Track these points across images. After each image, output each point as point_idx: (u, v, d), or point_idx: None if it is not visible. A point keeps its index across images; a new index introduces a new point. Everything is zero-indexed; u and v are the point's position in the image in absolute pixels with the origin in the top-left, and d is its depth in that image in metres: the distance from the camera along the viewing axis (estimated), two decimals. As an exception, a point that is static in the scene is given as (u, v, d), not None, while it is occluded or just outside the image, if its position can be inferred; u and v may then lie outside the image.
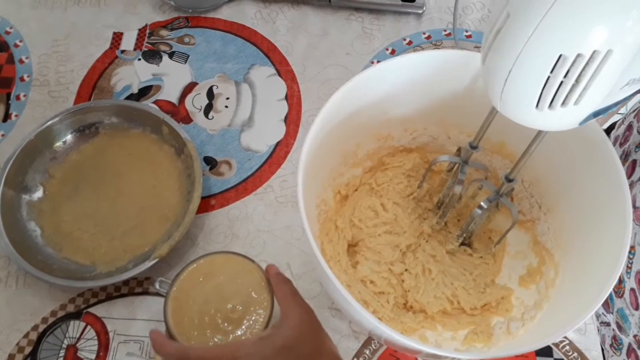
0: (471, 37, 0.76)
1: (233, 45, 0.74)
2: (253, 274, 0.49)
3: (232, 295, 0.48)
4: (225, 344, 0.45)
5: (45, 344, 0.54)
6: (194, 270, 0.49)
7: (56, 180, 0.62)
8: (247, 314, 0.47)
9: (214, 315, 0.47)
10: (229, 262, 0.49)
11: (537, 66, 0.33)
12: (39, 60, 0.72)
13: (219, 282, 0.49)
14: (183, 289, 0.48)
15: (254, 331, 0.46)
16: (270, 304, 0.47)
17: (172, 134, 0.63)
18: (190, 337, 0.46)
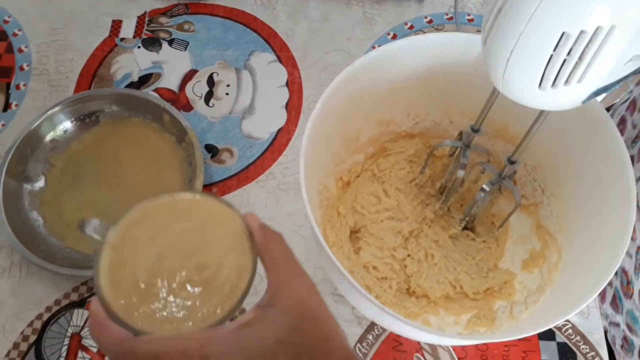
0: (473, 21, 0.75)
1: (233, 31, 0.73)
2: (229, 222, 0.33)
3: (198, 250, 0.33)
4: (188, 334, 0.29)
5: (49, 332, 0.54)
6: (145, 211, 0.33)
7: (57, 170, 0.62)
8: (219, 280, 0.32)
9: (169, 278, 0.31)
10: (196, 205, 0.34)
11: (540, 45, 0.32)
12: (38, 49, 0.71)
13: (180, 230, 0.33)
14: (127, 235, 0.32)
15: (228, 306, 0.31)
16: (252, 266, 0.32)
17: (173, 122, 0.62)
18: (131, 308, 0.30)
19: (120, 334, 0.29)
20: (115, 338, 0.29)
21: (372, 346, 0.54)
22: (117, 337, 0.29)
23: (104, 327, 0.29)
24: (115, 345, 0.29)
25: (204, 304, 0.31)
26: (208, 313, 0.30)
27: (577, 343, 0.55)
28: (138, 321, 0.30)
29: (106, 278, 0.31)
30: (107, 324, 0.29)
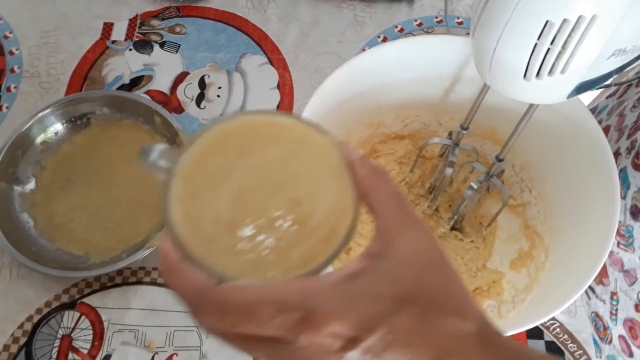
0: (462, 24, 0.76)
1: (224, 34, 0.73)
2: (324, 151, 0.27)
3: (288, 182, 0.27)
4: (285, 282, 0.23)
5: (40, 334, 0.54)
6: (220, 135, 0.27)
7: (48, 172, 0.62)
8: (315, 219, 0.26)
9: (255, 214, 0.26)
10: (283, 129, 0.28)
11: (524, 33, 0.33)
12: (29, 52, 0.71)
13: (265, 158, 0.27)
14: (201, 165, 0.27)
15: (328, 251, 0.25)
16: (354, 205, 0.26)
17: (164, 124, 0.62)
18: (210, 249, 0.25)
19: (200, 279, 0.23)
20: (195, 284, 0.23)
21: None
22: (197, 283, 0.23)
23: (180, 271, 0.24)
24: (195, 293, 0.23)
25: (297, 246, 0.25)
26: (303, 258, 0.25)
27: (565, 342, 0.55)
28: (219, 264, 0.24)
29: (179, 214, 0.25)
30: (183, 268, 0.24)
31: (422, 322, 0.22)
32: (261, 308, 0.22)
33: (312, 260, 0.25)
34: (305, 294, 0.22)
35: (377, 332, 0.22)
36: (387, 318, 0.22)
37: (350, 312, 0.22)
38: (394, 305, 0.22)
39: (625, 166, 0.51)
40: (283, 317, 0.21)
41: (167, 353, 0.54)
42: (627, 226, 0.49)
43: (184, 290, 0.24)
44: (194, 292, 0.23)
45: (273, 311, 0.22)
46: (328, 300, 0.22)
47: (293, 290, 0.22)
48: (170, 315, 0.56)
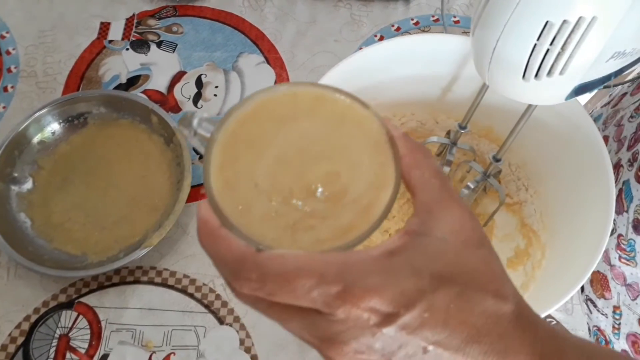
0: (459, 23, 0.76)
1: (221, 33, 0.73)
2: (365, 125, 0.27)
3: (327, 154, 0.27)
4: (324, 255, 0.23)
5: (37, 334, 0.54)
6: (260, 104, 0.28)
7: (45, 172, 0.61)
8: (353, 192, 0.26)
9: (294, 185, 0.26)
10: (323, 101, 0.28)
11: (524, 34, 0.33)
12: (26, 52, 0.71)
13: (305, 129, 0.27)
14: (241, 132, 0.27)
15: (366, 224, 0.25)
16: (395, 180, 0.26)
17: (162, 123, 0.62)
18: (248, 218, 0.25)
19: (239, 246, 0.23)
20: (235, 251, 0.23)
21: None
22: (237, 250, 0.23)
23: (219, 237, 0.24)
24: (234, 260, 0.23)
25: (334, 219, 0.25)
26: (339, 230, 0.25)
27: (562, 339, 0.55)
28: (256, 231, 0.24)
29: (218, 180, 0.25)
30: (222, 234, 0.24)
31: (460, 301, 0.22)
32: (301, 278, 0.22)
33: (348, 233, 0.24)
34: (345, 267, 0.22)
35: (415, 309, 0.22)
36: (425, 296, 0.22)
37: (389, 288, 0.22)
38: (433, 283, 0.22)
39: (628, 179, 0.50)
40: (322, 288, 0.21)
41: (164, 352, 0.54)
42: (628, 240, 0.49)
43: (223, 256, 0.23)
44: (234, 258, 0.23)
45: (312, 282, 0.21)
46: (368, 275, 0.22)
47: (333, 263, 0.22)
48: (168, 314, 0.55)
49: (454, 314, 0.22)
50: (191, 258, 0.58)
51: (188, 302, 0.56)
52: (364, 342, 0.22)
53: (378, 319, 0.22)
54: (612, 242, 0.51)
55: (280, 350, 0.54)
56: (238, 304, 0.56)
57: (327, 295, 0.21)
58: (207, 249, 0.24)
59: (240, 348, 0.54)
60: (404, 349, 0.22)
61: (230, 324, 0.55)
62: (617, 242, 0.50)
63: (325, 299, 0.21)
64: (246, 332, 0.55)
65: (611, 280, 0.52)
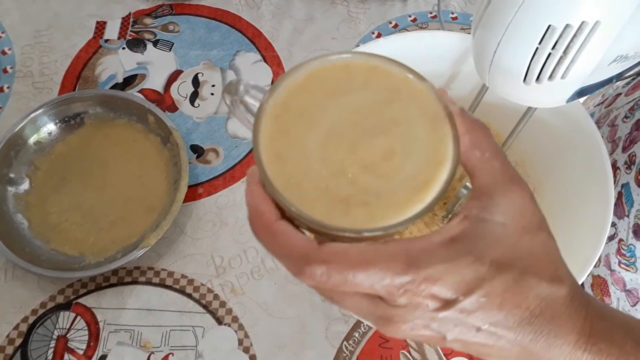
0: (457, 19, 0.75)
1: (218, 32, 0.72)
2: (422, 99, 0.26)
3: (383, 129, 0.25)
4: (388, 244, 0.23)
5: (35, 335, 0.54)
6: (313, 74, 0.26)
7: (42, 172, 0.61)
8: (409, 168, 0.25)
9: (348, 161, 0.25)
10: (378, 74, 0.26)
11: (526, 37, 0.32)
12: (22, 52, 0.70)
13: (359, 102, 0.26)
14: (292, 102, 0.26)
15: (423, 202, 0.24)
16: (453, 157, 0.25)
17: (158, 122, 0.62)
18: (298, 189, 0.24)
19: (301, 242, 0.23)
20: (297, 246, 0.23)
21: (358, 343, 0.54)
22: (299, 245, 0.23)
23: (278, 231, 0.23)
24: (296, 256, 0.23)
25: (390, 195, 0.24)
26: (396, 207, 0.24)
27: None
28: (308, 205, 0.23)
29: (269, 152, 0.24)
30: (281, 228, 0.23)
31: (516, 286, 0.23)
32: (365, 273, 0.22)
33: (403, 211, 0.24)
34: (409, 258, 0.22)
35: (474, 295, 0.22)
36: (484, 282, 0.22)
37: (450, 276, 0.22)
38: (492, 269, 0.23)
39: (628, 182, 0.50)
40: (387, 280, 0.22)
41: (163, 353, 0.53)
42: (629, 245, 0.48)
43: (285, 251, 0.23)
44: (296, 254, 0.23)
45: (377, 276, 0.22)
46: (430, 263, 0.22)
47: (398, 253, 0.22)
48: (166, 315, 0.55)
49: (510, 298, 0.23)
50: (189, 258, 0.58)
51: (186, 302, 0.56)
52: (421, 323, 0.23)
53: (438, 305, 0.23)
54: (612, 247, 0.50)
55: (279, 350, 0.54)
56: (236, 304, 0.56)
57: (391, 285, 0.22)
58: (265, 243, 0.24)
59: (239, 348, 0.54)
60: (459, 327, 0.23)
61: (229, 324, 0.55)
62: (618, 247, 0.49)
63: (389, 289, 0.22)
64: (245, 332, 0.54)
65: (611, 285, 0.52)
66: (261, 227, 0.24)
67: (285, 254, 0.23)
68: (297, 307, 0.56)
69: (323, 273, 0.22)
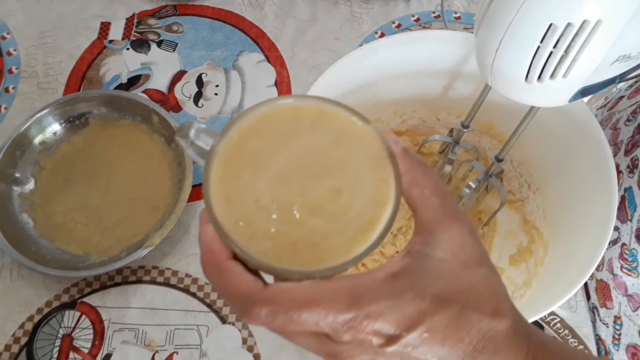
0: (460, 19, 0.75)
1: (221, 32, 0.73)
2: (366, 141, 0.27)
3: (329, 171, 0.26)
4: (332, 282, 0.23)
5: (40, 334, 0.54)
6: (263, 118, 0.27)
7: (47, 172, 0.61)
8: (355, 209, 0.25)
9: (298, 203, 0.25)
10: (325, 116, 0.27)
11: (528, 35, 0.32)
12: (27, 52, 0.70)
13: (306, 144, 0.27)
14: (242, 146, 0.26)
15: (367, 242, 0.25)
16: (395, 197, 0.25)
17: (162, 123, 0.62)
18: (247, 231, 0.24)
19: (247, 282, 0.23)
20: (243, 287, 0.23)
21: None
22: (245, 286, 0.23)
23: (226, 270, 0.23)
24: (242, 297, 0.23)
25: (335, 236, 0.24)
26: (340, 248, 0.24)
27: (566, 337, 0.55)
28: (256, 248, 0.24)
29: (218, 195, 0.25)
30: (230, 267, 0.23)
31: (458, 320, 0.23)
32: (310, 311, 0.22)
33: (350, 251, 0.24)
34: (352, 295, 0.23)
35: (416, 330, 0.23)
36: (425, 317, 0.23)
37: (393, 312, 0.23)
38: (434, 305, 0.23)
39: (631, 186, 0.50)
40: (330, 318, 0.22)
41: (167, 352, 0.54)
42: (631, 250, 0.48)
43: (231, 291, 0.23)
44: (242, 295, 0.23)
45: (321, 314, 0.22)
46: (373, 300, 0.23)
47: (341, 291, 0.23)
48: (171, 313, 0.55)
49: (452, 333, 0.23)
50: (193, 257, 0.58)
51: (190, 301, 0.56)
52: (368, 358, 0.24)
53: (382, 341, 0.23)
54: (615, 251, 0.50)
55: (282, 349, 0.54)
56: (240, 303, 0.56)
57: (335, 323, 0.23)
58: (213, 281, 0.24)
59: (243, 347, 0.54)
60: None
61: (233, 322, 0.55)
62: (621, 251, 0.49)
63: (333, 326, 0.23)
64: (248, 330, 0.55)
65: (613, 290, 0.51)
66: (210, 265, 0.24)
67: (232, 293, 0.23)
68: (301, 306, 0.56)
69: (268, 314, 0.22)
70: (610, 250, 0.51)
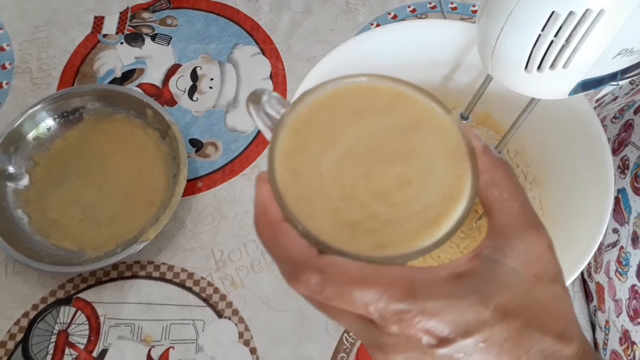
0: (457, 9, 0.74)
1: (216, 25, 0.72)
2: (445, 132, 0.25)
3: (400, 157, 0.25)
4: (391, 268, 0.22)
5: (36, 330, 0.53)
6: (336, 93, 0.26)
7: (41, 168, 0.60)
8: (422, 201, 0.24)
9: (362, 184, 0.24)
10: (403, 100, 0.26)
11: (529, 23, 0.31)
12: (20, 47, 0.69)
13: (379, 126, 0.25)
14: (312, 119, 0.25)
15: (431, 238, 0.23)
16: (470, 194, 0.24)
17: (157, 117, 0.61)
18: (308, 206, 0.23)
19: (301, 246, 0.22)
20: (296, 250, 0.22)
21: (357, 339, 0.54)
22: (298, 249, 0.22)
23: (280, 232, 0.22)
24: (294, 260, 0.22)
25: (398, 225, 0.23)
26: (404, 238, 0.23)
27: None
28: (314, 224, 0.23)
29: (283, 166, 0.24)
30: (284, 229, 0.22)
31: (518, 338, 0.21)
32: (362, 291, 0.21)
33: (411, 243, 0.23)
34: (409, 286, 0.21)
35: (472, 338, 0.21)
36: (485, 327, 0.21)
37: (451, 313, 0.21)
38: (496, 315, 0.21)
39: (624, 187, 0.48)
40: (382, 304, 0.21)
41: (163, 347, 0.53)
42: (626, 253, 0.47)
43: (283, 254, 0.22)
44: (294, 258, 0.22)
45: (373, 297, 0.21)
46: (431, 296, 0.21)
47: (399, 278, 0.21)
48: (167, 308, 0.55)
49: (509, 349, 0.21)
50: (189, 252, 0.58)
51: (186, 296, 0.55)
52: (415, 357, 0.22)
53: (433, 341, 0.21)
54: (614, 254, 0.49)
55: (279, 343, 0.53)
56: (237, 297, 0.55)
57: (386, 310, 0.21)
58: (265, 242, 0.23)
59: (239, 341, 0.53)
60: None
61: (229, 317, 0.54)
62: (619, 254, 0.48)
63: (382, 314, 0.21)
64: (245, 325, 0.54)
65: (606, 293, 0.50)
66: (265, 225, 0.23)
67: (284, 256, 0.22)
68: (298, 300, 0.55)
69: (318, 282, 0.21)
70: (610, 252, 0.50)
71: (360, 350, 0.53)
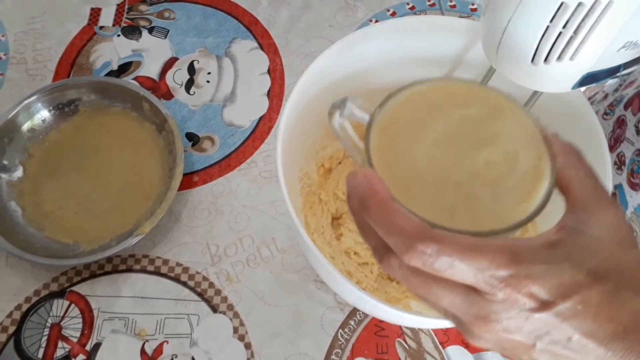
0: (455, 7, 0.73)
1: (214, 19, 0.71)
2: (520, 120, 0.28)
3: (485, 142, 0.27)
4: (495, 239, 0.24)
5: (29, 323, 0.52)
6: (416, 94, 0.29)
7: (36, 160, 0.59)
8: (512, 180, 0.26)
9: (453, 169, 0.27)
10: (478, 93, 0.29)
11: (538, 14, 0.31)
12: (15, 38, 0.68)
13: (462, 116, 0.28)
14: (396, 117, 0.28)
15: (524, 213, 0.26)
16: (551, 173, 0.27)
17: (153, 110, 0.60)
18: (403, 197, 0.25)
19: (415, 220, 0.24)
20: (412, 223, 0.23)
21: (354, 332, 0.53)
22: (414, 222, 0.23)
23: (393, 208, 0.24)
24: (410, 232, 0.23)
25: (492, 204, 0.25)
26: (498, 216, 0.25)
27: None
28: (423, 215, 0.24)
29: (378, 161, 0.26)
30: (396, 206, 0.24)
31: (612, 298, 0.23)
32: (474, 258, 0.22)
33: (506, 220, 0.25)
34: (514, 254, 0.23)
35: (571, 300, 0.23)
36: (581, 289, 0.23)
37: (550, 277, 0.22)
38: (589, 278, 0.23)
39: (620, 183, 0.48)
40: (491, 271, 0.22)
41: (157, 341, 0.52)
42: None
43: (398, 226, 0.23)
44: (410, 232, 0.23)
45: (484, 263, 0.22)
46: (533, 262, 0.23)
47: (504, 247, 0.23)
48: (161, 302, 0.54)
49: (604, 310, 0.23)
50: (184, 246, 0.57)
51: (181, 290, 0.55)
52: (516, 324, 0.23)
53: (535, 305, 0.23)
54: None
55: (274, 338, 0.53)
56: (232, 292, 0.55)
57: (494, 277, 0.22)
58: (378, 218, 0.24)
59: (234, 336, 0.53)
60: (550, 335, 0.23)
61: (224, 312, 0.54)
62: None
63: (490, 281, 0.22)
64: (240, 320, 0.54)
65: None
66: (376, 203, 0.24)
67: (398, 229, 0.23)
68: (293, 295, 0.55)
69: (433, 252, 0.22)
70: None
71: (355, 346, 0.53)
